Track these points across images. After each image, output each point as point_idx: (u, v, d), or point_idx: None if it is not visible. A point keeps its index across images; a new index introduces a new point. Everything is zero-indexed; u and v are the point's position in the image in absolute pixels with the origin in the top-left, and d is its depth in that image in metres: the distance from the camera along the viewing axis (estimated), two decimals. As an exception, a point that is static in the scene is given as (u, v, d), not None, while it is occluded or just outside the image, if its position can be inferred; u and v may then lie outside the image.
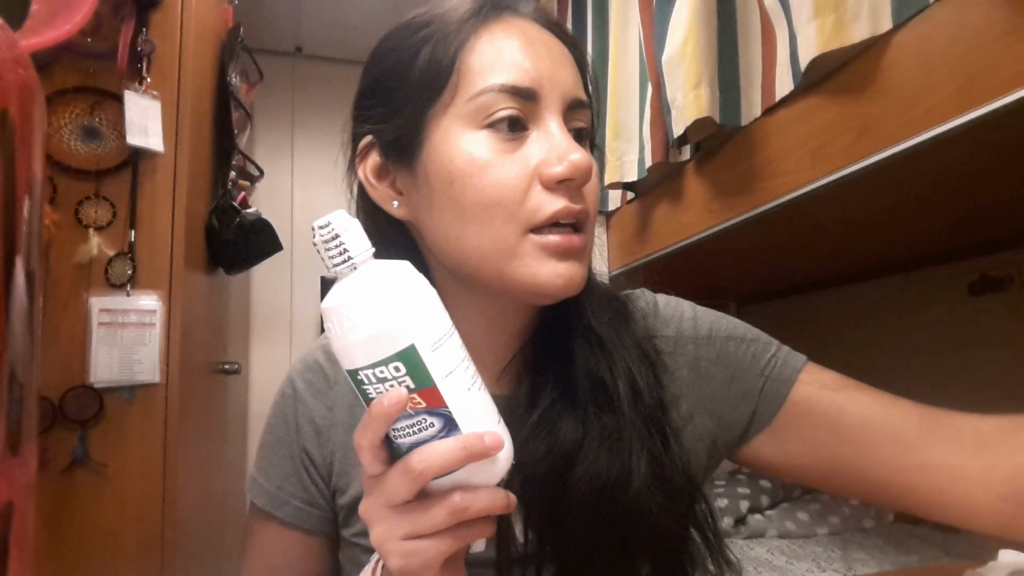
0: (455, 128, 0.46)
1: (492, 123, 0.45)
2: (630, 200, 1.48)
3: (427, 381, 0.34)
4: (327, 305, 0.35)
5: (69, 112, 1.10)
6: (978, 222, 1.31)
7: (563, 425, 0.47)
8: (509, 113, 0.45)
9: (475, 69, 0.46)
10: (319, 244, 0.36)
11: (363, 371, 0.35)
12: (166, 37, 1.18)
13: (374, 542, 0.36)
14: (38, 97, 0.61)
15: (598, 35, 1.58)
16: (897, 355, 1.70)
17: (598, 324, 0.52)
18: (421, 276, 0.37)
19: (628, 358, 0.51)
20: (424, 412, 0.35)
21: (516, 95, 0.45)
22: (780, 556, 1.36)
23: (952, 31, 0.66)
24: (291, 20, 2.44)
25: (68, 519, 1.02)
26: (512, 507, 0.37)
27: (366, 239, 0.36)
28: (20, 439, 0.57)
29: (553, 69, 0.47)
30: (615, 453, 0.46)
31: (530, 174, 0.45)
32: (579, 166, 0.44)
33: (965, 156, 0.81)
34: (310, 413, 0.55)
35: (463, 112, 0.46)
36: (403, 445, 0.35)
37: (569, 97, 0.47)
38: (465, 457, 0.34)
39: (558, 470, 0.45)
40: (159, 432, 1.09)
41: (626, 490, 0.46)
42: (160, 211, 1.14)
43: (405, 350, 0.34)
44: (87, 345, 1.06)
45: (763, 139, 0.96)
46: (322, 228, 0.35)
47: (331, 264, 0.35)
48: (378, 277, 0.35)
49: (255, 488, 0.56)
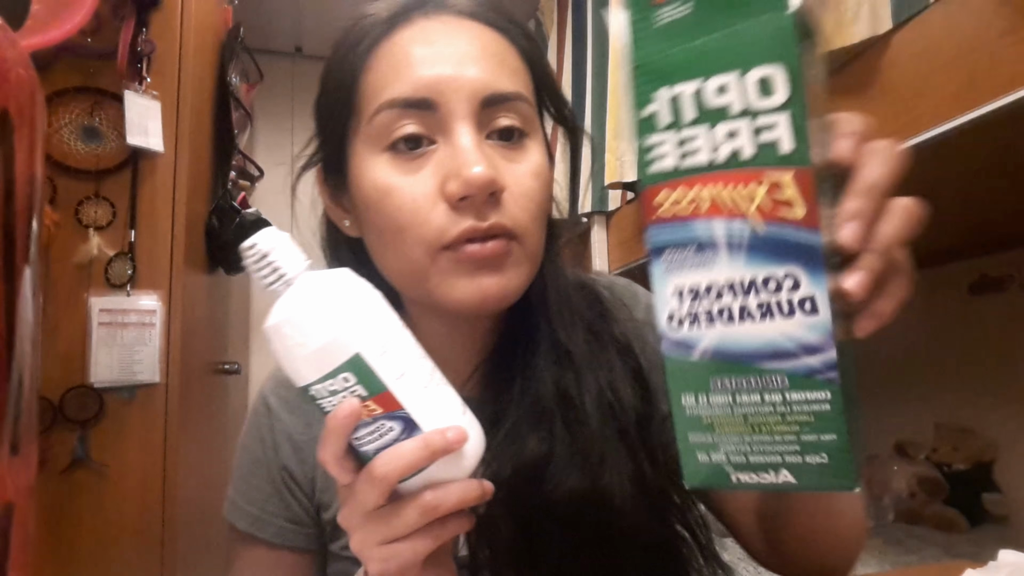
0: (364, 153, 0.45)
1: (392, 143, 0.43)
2: (630, 200, 1.48)
3: (379, 387, 0.33)
4: (269, 325, 0.34)
5: (69, 112, 1.10)
6: (978, 222, 1.31)
7: (529, 443, 0.45)
8: (405, 131, 0.42)
9: (372, 88, 0.44)
10: (249, 266, 0.34)
11: (313, 387, 0.34)
12: (166, 37, 1.18)
13: (354, 549, 0.36)
14: (38, 97, 0.61)
15: (598, 36, 1.58)
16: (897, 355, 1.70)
17: (566, 335, 0.49)
18: (361, 281, 0.36)
19: (600, 370, 0.48)
20: (382, 417, 0.34)
21: (410, 108, 0.42)
22: (780, 556, 1.36)
23: (952, 31, 0.66)
24: (291, 20, 2.44)
25: (68, 519, 1.02)
26: (489, 494, 0.36)
27: (298, 252, 0.35)
28: (20, 439, 0.57)
29: (460, 66, 0.43)
30: (586, 470, 0.45)
31: (433, 194, 0.42)
32: (474, 182, 0.40)
33: (965, 156, 0.80)
34: (287, 430, 0.53)
35: (367, 136, 0.44)
36: (368, 452, 0.35)
37: (482, 94, 0.43)
38: (428, 456, 0.33)
39: (526, 488, 0.44)
40: (159, 432, 1.09)
41: (601, 506, 0.44)
42: (160, 211, 1.14)
43: (351, 359, 0.33)
44: (87, 345, 1.06)
45: (763, 139, 0.96)
46: (249, 249, 0.34)
47: (265, 284, 0.34)
48: (313, 290, 0.34)
49: (235, 511, 0.54)
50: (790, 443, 0.26)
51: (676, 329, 0.28)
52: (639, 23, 0.28)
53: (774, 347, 0.26)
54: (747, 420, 0.27)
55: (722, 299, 0.26)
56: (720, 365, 0.27)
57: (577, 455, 0.45)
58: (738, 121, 0.25)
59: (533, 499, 0.44)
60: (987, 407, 1.47)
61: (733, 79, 0.26)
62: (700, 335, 0.27)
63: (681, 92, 0.26)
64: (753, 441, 0.27)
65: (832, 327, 0.25)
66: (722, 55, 0.26)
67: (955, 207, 1.16)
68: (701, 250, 0.26)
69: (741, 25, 0.25)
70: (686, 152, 0.26)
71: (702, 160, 0.26)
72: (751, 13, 0.25)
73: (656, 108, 0.27)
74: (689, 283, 0.27)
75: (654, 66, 0.27)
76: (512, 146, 0.45)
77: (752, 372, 0.26)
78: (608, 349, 0.50)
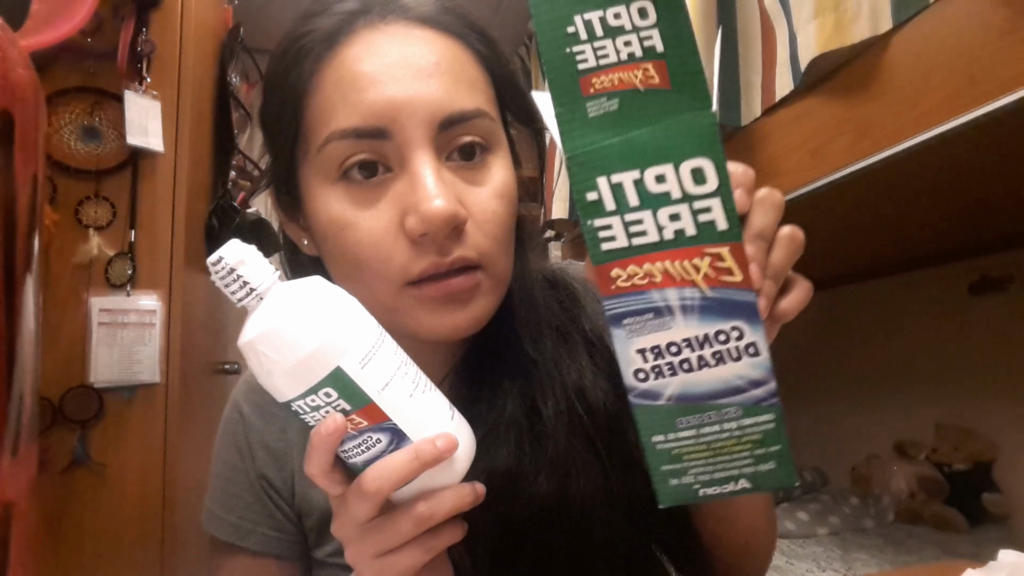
0: (315, 182, 0.42)
1: (346, 172, 0.40)
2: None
3: (363, 400, 0.32)
4: (243, 342, 0.33)
5: (69, 112, 1.09)
6: (978, 222, 1.31)
7: (498, 456, 0.44)
8: (359, 159, 0.40)
9: (318, 114, 0.41)
10: (218, 282, 0.33)
11: (294, 403, 0.33)
12: (166, 37, 1.18)
13: (349, 562, 0.35)
14: (38, 97, 0.61)
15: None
16: (897, 355, 1.70)
17: (533, 346, 0.48)
18: (335, 289, 0.34)
19: (569, 375, 0.48)
20: (368, 430, 0.33)
21: (362, 138, 0.39)
22: (780, 556, 1.36)
23: (952, 31, 0.66)
24: (291, 20, 2.44)
25: (68, 519, 1.02)
26: (482, 496, 0.35)
27: (267, 265, 0.33)
28: (20, 439, 0.57)
29: (413, 87, 0.40)
30: (554, 481, 0.44)
31: (394, 228, 0.40)
32: (434, 219, 0.38)
33: (965, 156, 0.81)
34: (262, 438, 0.52)
35: (317, 165, 0.41)
36: (357, 464, 0.34)
37: (440, 116, 0.40)
38: (419, 467, 0.33)
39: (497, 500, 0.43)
40: (159, 432, 1.09)
41: (571, 515, 0.44)
42: (160, 211, 1.14)
43: (331, 374, 0.31)
44: (87, 345, 1.06)
45: (763, 139, 0.96)
46: (215, 265, 0.32)
47: (236, 300, 0.33)
48: (286, 302, 0.32)
49: (214, 522, 0.52)
50: (745, 458, 0.32)
51: (642, 382, 0.32)
52: (568, 115, 0.30)
53: (728, 386, 0.31)
54: (709, 446, 0.32)
55: (682, 354, 0.31)
56: (684, 407, 0.32)
57: (545, 467, 0.45)
58: (678, 206, 0.30)
59: (506, 511, 0.43)
60: (987, 407, 1.47)
61: (669, 170, 0.29)
62: (665, 384, 0.32)
63: (621, 181, 0.30)
64: (716, 462, 0.32)
65: (771, 364, 0.31)
66: (656, 149, 0.29)
67: (955, 207, 1.16)
68: (659, 315, 0.31)
69: (670, 121, 0.29)
70: (634, 232, 0.30)
71: (651, 239, 0.30)
72: (676, 111, 0.29)
73: (599, 195, 0.30)
74: (651, 344, 0.31)
75: (590, 157, 0.30)
76: (474, 165, 0.42)
77: (711, 408, 0.32)
78: (577, 349, 0.49)
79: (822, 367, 1.93)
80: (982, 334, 1.47)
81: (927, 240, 1.47)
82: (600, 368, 0.49)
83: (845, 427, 1.86)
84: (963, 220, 1.28)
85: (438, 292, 0.40)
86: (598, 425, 0.47)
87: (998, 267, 1.44)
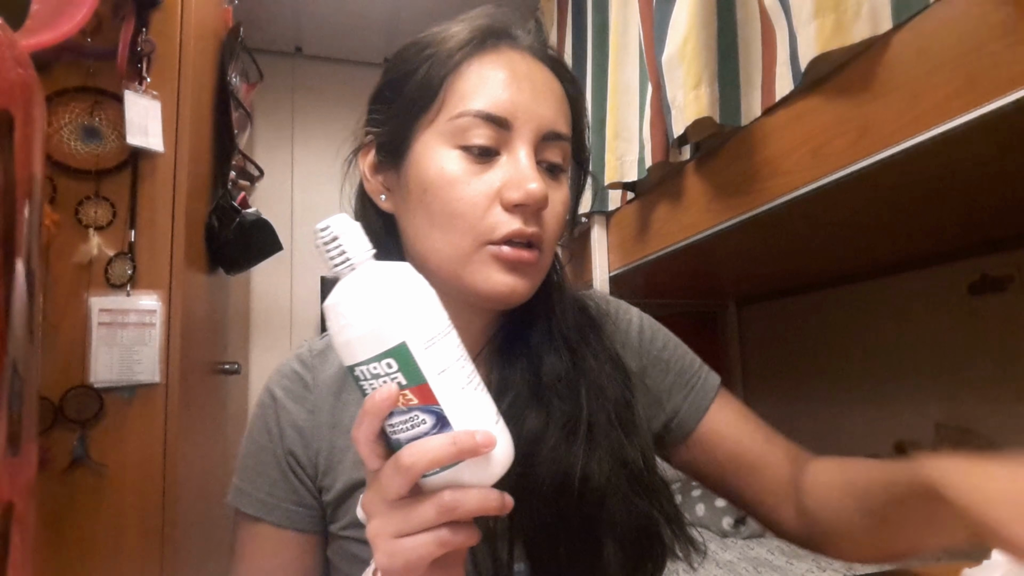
0: (434, 143, 0.51)
1: (465, 145, 0.50)
2: (630, 200, 1.48)
3: (419, 378, 0.35)
4: (327, 304, 0.37)
5: (69, 112, 1.09)
6: (978, 222, 1.31)
7: (528, 416, 0.52)
8: (481, 141, 0.50)
9: (459, 93, 0.51)
10: (320, 246, 0.37)
11: (358, 367, 0.36)
12: (166, 37, 1.18)
13: (369, 536, 0.37)
14: (38, 97, 0.61)
15: (598, 36, 1.58)
16: (897, 355, 1.70)
17: (565, 327, 0.57)
18: (419, 277, 0.38)
19: (594, 358, 0.56)
20: (416, 408, 0.35)
21: (490, 121, 0.50)
22: (780, 556, 1.36)
23: (952, 31, 0.67)
24: (291, 20, 2.44)
25: (68, 519, 1.02)
26: (507, 509, 0.37)
27: (366, 241, 0.38)
28: (20, 439, 0.57)
29: (534, 102, 0.51)
30: (575, 444, 0.51)
31: (493, 195, 0.50)
32: (534, 195, 0.49)
33: (965, 156, 0.81)
34: (292, 418, 0.57)
35: (443, 130, 0.51)
36: (399, 441, 0.36)
37: (545, 129, 0.51)
38: (455, 453, 0.34)
39: (521, 459, 0.46)
40: (159, 432, 1.09)
41: (586, 479, 0.50)
42: (160, 211, 1.14)
43: (396, 347, 0.35)
44: (87, 345, 1.06)
45: (763, 139, 0.96)
46: (322, 231, 0.37)
47: (331, 265, 0.37)
48: (373, 277, 0.37)
49: (241, 497, 0.57)
50: None
51: None
52: None
53: None
54: None
55: None
56: None
57: (571, 435, 0.51)
58: None
59: (528, 473, 0.49)
60: (987, 407, 1.47)
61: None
62: None
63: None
64: None
65: None
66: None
67: (955, 207, 1.16)
68: None
69: None
70: None
71: None
72: None
73: None
74: None
75: None
76: (553, 178, 0.53)
77: None
78: (596, 345, 0.58)
79: (822, 367, 1.93)
80: (982, 334, 1.47)
81: (927, 240, 1.47)
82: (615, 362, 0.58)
83: (845, 427, 1.86)
84: (963, 220, 1.28)
85: (511, 255, 0.49)
86: (619, 408, 0.55)
87: (998, 267, 1.44)
